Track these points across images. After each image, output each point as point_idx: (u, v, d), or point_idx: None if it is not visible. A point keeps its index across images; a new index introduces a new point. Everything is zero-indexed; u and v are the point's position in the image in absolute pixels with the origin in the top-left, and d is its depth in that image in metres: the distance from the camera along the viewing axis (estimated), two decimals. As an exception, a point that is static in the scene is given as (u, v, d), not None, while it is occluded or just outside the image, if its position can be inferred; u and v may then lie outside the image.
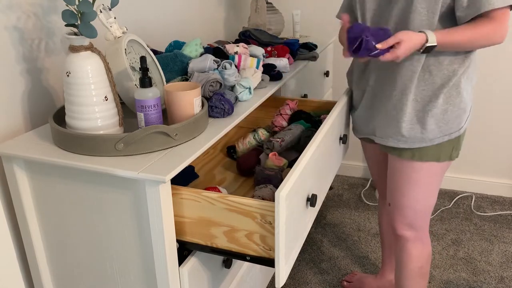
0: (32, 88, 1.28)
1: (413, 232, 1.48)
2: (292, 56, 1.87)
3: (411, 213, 1.45)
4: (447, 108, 1.31)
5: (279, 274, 1.03)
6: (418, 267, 1.52)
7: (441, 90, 1.30)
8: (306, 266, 2.09)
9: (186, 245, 1.12)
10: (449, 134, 1.34)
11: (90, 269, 1.17)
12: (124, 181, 1.02)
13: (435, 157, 1.37)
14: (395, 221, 1.50)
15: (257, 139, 1.55)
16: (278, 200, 0.96)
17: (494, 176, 2.68)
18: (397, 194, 1.46)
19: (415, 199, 1.43)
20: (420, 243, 1.50)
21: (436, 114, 1.31)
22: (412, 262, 1.52)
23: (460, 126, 1.35)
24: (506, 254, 2.14)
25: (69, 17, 1.04)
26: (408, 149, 1.37)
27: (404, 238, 1.50)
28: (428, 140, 1.34)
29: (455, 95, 1.30)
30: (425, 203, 1.44)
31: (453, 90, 1.30)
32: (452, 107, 1.31)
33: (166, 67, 1.42)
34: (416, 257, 1.51)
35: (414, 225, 1.47)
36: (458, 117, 1.33)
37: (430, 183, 1.41)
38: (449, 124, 1.33)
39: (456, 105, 1.31)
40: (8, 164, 1.11)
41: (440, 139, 1.34)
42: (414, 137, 1.35)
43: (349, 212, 2.53)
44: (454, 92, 1.30)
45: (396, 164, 1.43)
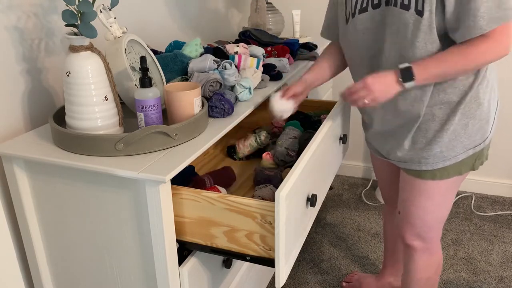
0: (32, 88, 1.28)
1: (421, 243, 1.43)
2: (292, 56, 1.87)
3: (421, 224, 1.39)
4: (467, 123, 1.23)
5: (279, 274, 1.03)
6: (426, 278, 1.48)
7: (458, 107, 1.21)
8: (306, 266, 2.09)
9: (186, 245, 1.12)
10: (474, 147, 1.26)
11: (90, 269, 1.17)
12: (124, 181, 1.02)
13: (457, 172, 1.29)
14: (404, 231, 1.44)
15: (259, 142, 1.55)
16: (278, 200, 0.96)
17: (494, 176, 2.68)
18: (408, 204, 1.39)
19: (427, 211, 1.36)
20: (428, 254, 1.45)
21: (456, 130, 1.23)
22: (419, 273, 1.47)
23: (485, 137, 1.27)
24: (506, 254, 2.14)
25: (69, 17, 1.04)
26: (430, 170, 1.30)
27: (412, 248, 1.45)
28: (452, 158, 1.26)
29: (475, 108, 1.22)
30: (436, 215, 1.38)
31: (472, 103, 1.22)
32: (473, 121, 1.23)
33: (166, 67, 1.42)
34: (423, 268, 1.46)
35: (424, 236, 1.42)
36: (480, 129, 1.25)
37: (444, 196, 1.35)
38: (471, 137, 1.25)
39: (476, 117, 1.23)
40: (8, 164, 1.11)
41: (464, 155, 1.26)
42: (435, 158, 1.27)
43: (349, 212, 2.53)
44: (473, 105, 1.22)
45: (410, 180, 1.36)
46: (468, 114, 1.23)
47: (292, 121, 1.63)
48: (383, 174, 1.62)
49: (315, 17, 2.64)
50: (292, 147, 1.47)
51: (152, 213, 1.00)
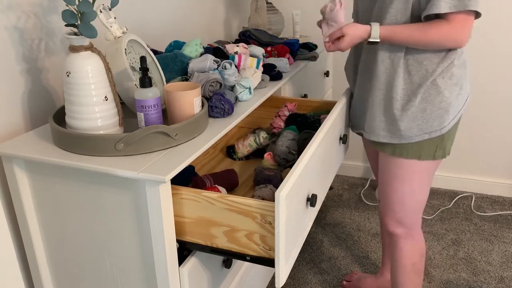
0: (32, 88, 1.28)
1: (403, 229, 1.51)
2: (292, 56, 1.87)
3: (399, 209, 1.48)
4: (425, 107, 1.33)
5: (279, 274, 1.03)
6: (411, 263, 1.55)
7: (418, 90, 1.32)
8: (306, 266, 2.09)
9: (186, 245, 1.12)
10: (429, 132, 1.36)
11: (90, 269, 1.17)
12: (124, 181, 1.02)
13: (416, 155, 1.39)
14: (386, 218, 1.53)
15: (258, 142, 1.55)
16: (278, 200, 0.96)
17: (494, 176, 2.68)
18: (386, 190, 1.49)
19: (402, 194, 1.45)
20: (411, 240, 1.53)
21: (415, 112, 1.34)
22: (404, 259, 1.54)
23: (442, 126, 1.35)
24: (506, 254, 2.14)
25: (69, 17, 1.04)
26: (389, 144, 1.41)
27: (396, 235, 1.53)
28: (407, 137, 1.37)
29: (434, 94, 1.32)
30: (413, 199, 1.46)
31: (432, 89, 1.32)
32: (432, 106, 1.33)
33: (166, 67, 1.42)
34: (408, 254, 1.54)
35: (404, 222, 1.50)
36: (439, 117, 1.34)
37: (415, 180, 1.43)
38: (428, 123, 1.34)
39: (435, 104, 1.33)
40: (8, 164, 1.11)
41: (420, 137, 1.36)
42: (393, 133, 1.38)
43: (349, 212, 2.53)
44: (433, 92, 1.32)
45: (382, 160, 1.48)
46: (428, 99, 1.33)
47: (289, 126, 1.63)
48: (375, 162, 1.69)
49: (315, 17, 2.64)
50: (292, 146, 1.48)
51: (152, 213, 1.00)
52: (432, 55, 1.31)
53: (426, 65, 1.31)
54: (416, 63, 1.32)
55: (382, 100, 1.38)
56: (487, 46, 2.44)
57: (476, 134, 2.62)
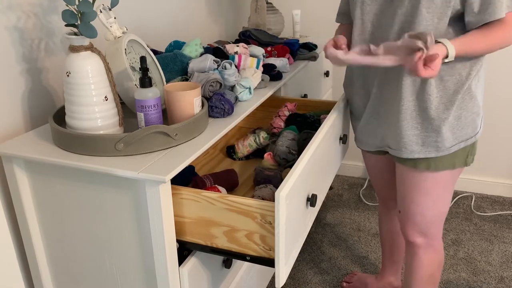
0: (32, 88, 1.28)
1: (424, 239, 1.44)
2: (292, 56, 1.87)
3: (422, 220, 1.41)
4: (460, 114, 1.26)
5: (279, 274, 1.03)
6: (429, 274, 1.48)
7: (455, 96, 1.24)
8: (306, 266, 2.09)
9: (186, 245, 1.12)
10: (465, 140, 1.29)
11: (90, 269, 1.17)
12: (124, 181, 1.02)
13: (451, 165, 1.32)
14: (406, 228, 1.46)
15: (258, 142, 1.55)
16: (278, 200, 0.96)
17: (494, 176, 2.68)
18: (407, 202, 1.41)
19: (426, 207, 1.38)
20: (432, 250, 1.46)
21: (451, 121, 1.26)
22: (422, 269, 1.48)
23: (475, 131, 1.30)
24: (506, 254, 2.14)
25: (69, 17, 1.04)
26: (423, 159, 1.32)
27: (416, 245, 1.46)
28: (445, 149, 1.28)
29: (468, 100, 1.25)
30: (437, 210, 1.39)
31: (466, 94, 1.25)
32: (466, 112, 1.26)
33: (166, 67, 1.42)
34: (427, 264, 1.47)
35: (426, 232, 1.43)
36: (472, 122, 1.28)
37: (442, 191, 1.36)
38: (464, 130, 1.28)
39: (469, 109, 1.26)
40: (8, 164, 1.11)
41: (456, 147, 1.29)
42: (429, 147, 1.29)
43: (349, 212, 2.53)
44: (467, 97, 1.25)
45: (407, 174, 1.37)
46: (462, 106, 1.25)
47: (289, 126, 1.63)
48: (378, 173, 1.62)
49: (315, 17, 2.64)
50: (292, 146, 1.48)
51: (152, 213, 1.00)
52: (465, 58, 1.22)
53: (459, 69, 1.22)
54: (447, 67, 1.22)
55: (413, 112, 1.27)
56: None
57: (476, 134, 2.62)
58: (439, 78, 1.23)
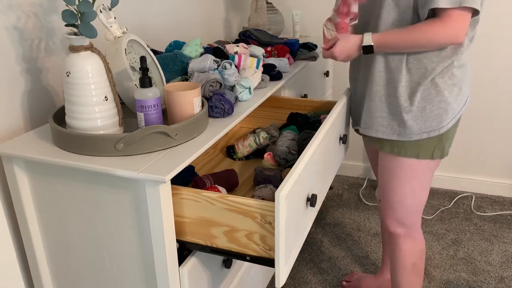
0: (32, 88, 1.28)
1: (403, 229, 1.51)
2: (292, 56, 1.87)
3: (400, 209, 1.48)
4: (425, 106, 1.34)
5: (279, 274, 1.03)
6: (411, 263, 1.55)
7: (418, 88, 1.32)
8: (306, 266, 2.09)
9: (186, 245, 1.12)
10: (428, 132, 1.36)
11: (90, 269, 1.17)
12: (124, 181, 1.02)
13: (414, 153, 1.39)
14: (386, 217, 1.53)
15: (258, 142, 1.55)
16: (278, 200, 0.96)
17: (494, 176, 2.68)
18: (386, 189, 1.49)
19: (403, 194, 1.45)
20: (412, 240, 1.52)
21: (414, 111, 1.34)
22: (404, 259, 1.54)
23: (440, 126, 1.36)
24: (506, 254, 2.14)
25: (69, 17, 1.04)
26: (387, 141, 1.41)
27: (396, 235, 1.53)
28: (406, 135, 1.37)
29: (434, 94, 1.32)
30: (414, 199, 1.46)
31: (431, 88, 1.32)
32: (431, 106, 1.33)
33: (166, 67, 1.42)
34: (408, 254, 1.53)
35: (404, 222, 1.50)
36: (438, 116, 1.35)
37: (415, 180, 1.43)
38: (427, 122, 1.35)
39: (435, 104, 1.33)
40: (8, 164, 1.11)
41: (418, 136, 1.36)
42: (392, 129, 1.39)
43: (349, 212, 2.53)
44: (432, 91, 1.32)
45: (382, 159, 1.47)
46: (427, 98, 1.33)
47: (289, 126, 1.63)
48: (372, 159, 1.70)
49: (315, 17, 2.64)
50: (292, 146, 1.48)
51: (152, 213, 1.00)
52: (432, 54, 1.30)
53: (425, 63, 1.31)
54: (415, 61, 1.31)
55: (383, 96, 1.38)
56: (487, 46, 2.44)
57: (476, 134, 2.62)
58: (407, 69, 1.33)
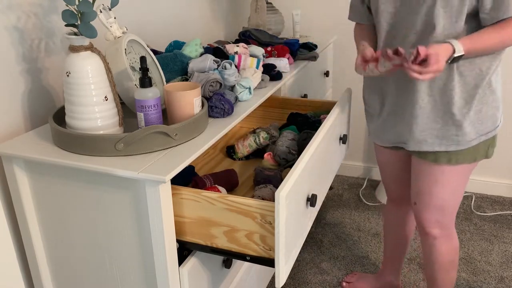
0: (32, 88, 1.28)
1: (440, 229, 1.48)
2: (292, 56, 1.87)
3: (438, 211, 1.45)
4: (481, 108, 1.29)
5: (279, 274, 1.03)
6: (450, 261, 1.54)
7: (476, 91, 1.27)
8: (306, 266, 2.09)
9: (186, 245, 1.12)
10: (486, 134, 1.32)
11: (90, 269, 1.17)
12: (124, 181, 1.02)
13: (472, 158, 1.34)
14: (423, 220, 1.49)
15: (258, 142, 1.55)
16: (278, 200, 0.96)
17: (494, 176, 2.68)
18: (424, 194, 1.44)
19: (443, 198, 1.42)
20: (448, 239, 1.50)
21: (471, 115, 1.29)
22: (442, 258, 1.53)
23: (496, 125, 1.33)
24: (506, 254, 2.14)
25: (69, 17, 1.04)
26: (444, 152, 1.34)
27: (432, 236, 1.50)
28: (466, 143, 1.31)
29: (488, 94, 1.28)
30: (452, 201, 1.43)
31: (486, 89, 1.28)
32: (486, 107, 1.29)
33: (166, 67, 1.42)
34: (446, 253, 1.52)
35: (441, 222, 1.47)
36: (493, 116, 1.31)
37: (459, 182, 1.40)
38: (484, 123, 1.30)
39: (489, 103, 1.29)
40: (8, 164, 1.11)
41: (477, 140, 1.31)
42: (449, 140, 1.32)
43: (349, 212, 2.53)
44: (487, 91, 1.28)
45: (426, 168, 1.40)
46: (483, 100, 1.28)
47: (289, 126, 1.63)
48: (390, 169, 1.63)
49: (315, 17, 2.64)
50: (292, 146, 1.48)
51: (152, 213, 1.00)
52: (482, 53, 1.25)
53: (479, 64, 1.25)
54: (467, 63, 1.25)
55: (435, 107, 1.30)
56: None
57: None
58: (459, 74, 1.26)
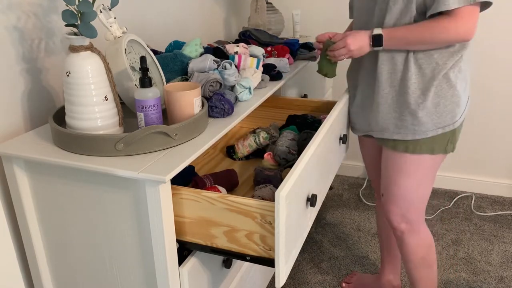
0: (32, 88, 1.28)
1: (407, 225, 1.50)
2: (292, 56, 1.87)
3: (404, 203, 1.47)
4: (439, 102, 1.33)
5: (279, 274, 1.03)
6: (420, 257, 1.54)
7: (431, 83, 1.31)
8: (306, 266, 2.09)
9: (186, 245, 1.12)
10: (443, 127, 1.35)
11: (90, 269, 1.17)
12: (124, 181, 1.02)
13: (429, 149, 1.38)
14: (389, 213, 1.51)
15: (258, 142, 1.55)
16: (278, 200, 0.96)
17: (494, 176, 2.68)
18: (390, 184, 1.48)
19: (407, 189, 1.44)
20: (416, 235, 1.51)
21: (428, 107, 1.33)
22: (412, 254, 1.54)
23: (454, 120, 1.36)
24: (506, 254, 2.14)
25: (69, 17, 1.04)
26: (401, 141, 1.39)
27: (400, 231, 1.52)
28: (422, 133, 1.36)
29: (446, 88, 1.32)
30: (417, 193, 1.45)
31: (444, 83, 1.32)
32: (444, 101, 1.33)
33: (166, 67, 1.42)
34: (414, 249, 1.53)
35: (408, 217, 1.49)
36: (452, 111, 1.34)
37: (423, 174, 1.42)
38: (442, 117, 1.34)
39: (448, 98, 1.33)
40: (8, 164, 1.11)
41: (434, 132, 1.36)
42: (406, 129, 1.37)
43: (349, 212, 2.53)
44: (445, 85, 1.32)
45: (389, 155, 1.45)
46: (440, 94, 1.33)
47: (289, 126, 1.63)
48: (370, 159, 1.68)
49: (315, 17, 2.64)
50: (292, 146, 1.48)
51: (152, 213, 1.00)
52: (442, 49, 1.30)
53: (436, 58, 1.30)
54: (426, 56, 1.30)
55: (394, 97, 1.37)
56: (488, 46, 2.44)
57: (476, 134, 2.62)
58: (417, 66, 1.32)
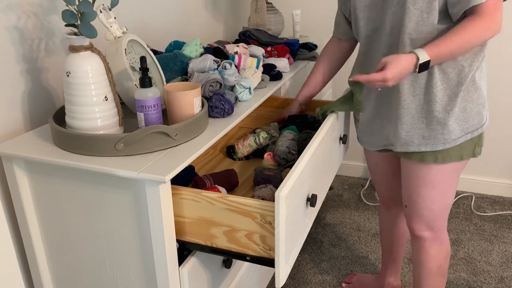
0: (32, 88, 1.28)
1: (431, 232, 1.46)
2: (292, 56, 1.87)
3: (429, 214, 1.42)
4: (466, 106, 1.27)
5: (279, 274, 1.03)
6: (437, 266, 1.51)
7: (459, 88, 1.25)
8: (306, 266, 2.09)
9: (186, 245, 1.12)
10: (471, 132, 1.30)
11: (90, 269, 1.17)
12: (124, 181, 1.02)
13: (458, 156, 1.32)
14: (413, 222, 1.47)
15: (258, 142, 1.55)
16: (278, 200, 0.96)
17: (494, 176, 2.68)
18: (414, 196, 1.42)
19: (432, 200, 1.39)
20: (439, 243, 1.48)
21: (456, 113, 1.27)
22: (430, 262, 1.50)
23: (482, 123, 1.30)
24: (506, 254, 2.14)
25: (69, 17, 1.04)
26: (430, 152, 1.32)
27: (422, 239, 1.48)
28: (452, 141, 1.29)
29: (472, 91, 1.26)
30: (442, 203, 1.41)
31: (470, 86, 1.26)
32: (471, 104, 1.27)
33: (166, 67, 1.42)
34: (434, 257, 1.49)
35: (432, 225, 1.45)
36: (478, 114, 1.29)
37: (448, 183, 1.37)
38: (469, 121, 1.29)
39: (474, 101, 1.27)
40: (8, 164, 1.11)
41: (463, 138, 1.29)
42: (435, 140, 1.30)
43: (349, 212, 2.53)
44: (471, 88, 1.26)
45: (413, 167, 1.38)
46: (467, 98, 1.27)
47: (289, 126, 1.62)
48: (380, 172, 1.62)
49: (315, 17, 2.64)
50: (292, 146, 1.48)
51: (152, 213, 1.00)
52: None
53: (460, 61, 1.24)
54: (450, 61, 1.23)
55: (419, 107, 1.29)
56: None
57: (476, 134, 2.62)
58: (441, 71, 1.24)
